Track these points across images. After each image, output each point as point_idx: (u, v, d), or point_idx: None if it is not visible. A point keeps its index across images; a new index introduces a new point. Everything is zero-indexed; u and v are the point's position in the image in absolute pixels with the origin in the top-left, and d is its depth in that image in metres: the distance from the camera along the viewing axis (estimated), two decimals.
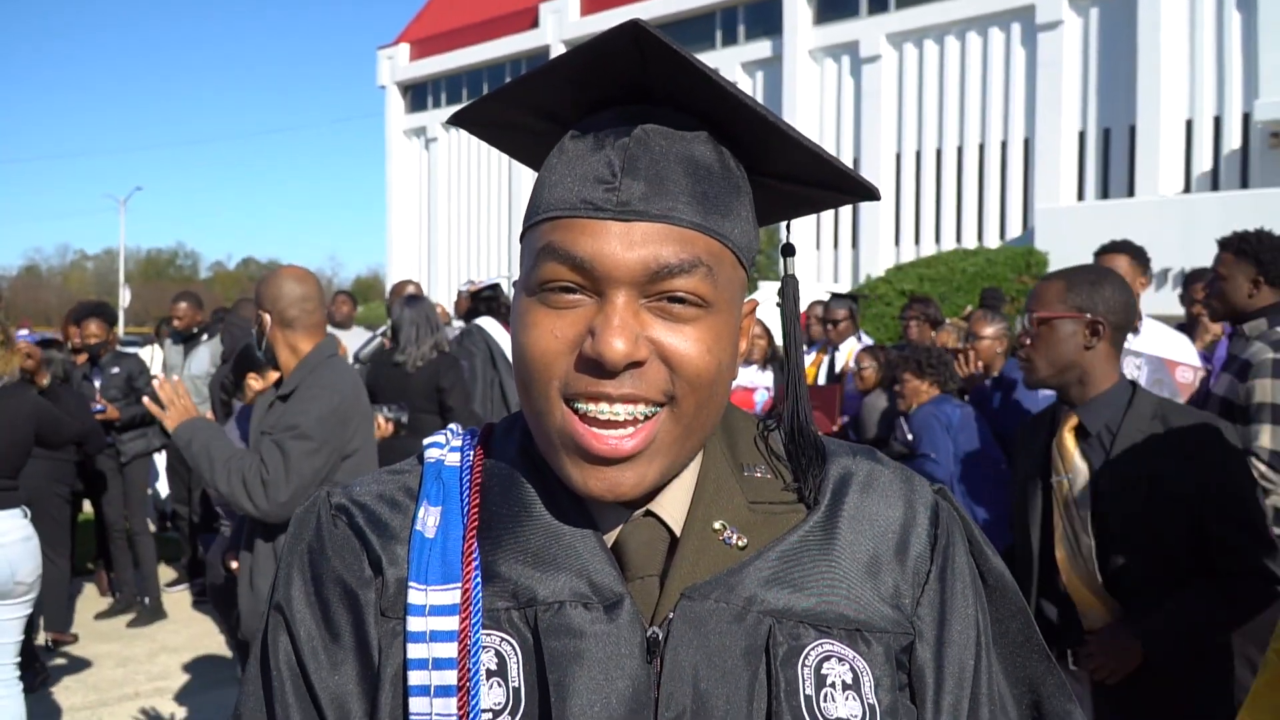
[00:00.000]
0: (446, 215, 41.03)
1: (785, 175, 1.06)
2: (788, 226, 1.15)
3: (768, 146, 1.02)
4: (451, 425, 1.17)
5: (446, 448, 1.12)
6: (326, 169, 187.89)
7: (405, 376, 6.07)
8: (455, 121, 1.09)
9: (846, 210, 28.59)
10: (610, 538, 1.03)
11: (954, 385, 5.58)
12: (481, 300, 6.96)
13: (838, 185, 1.07)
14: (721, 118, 1.00)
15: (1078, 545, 2.73)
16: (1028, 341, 2.83)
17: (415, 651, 0.98)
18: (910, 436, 5.23)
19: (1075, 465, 2.76)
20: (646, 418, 0.97)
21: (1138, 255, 5.09)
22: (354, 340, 8.53)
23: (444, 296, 32.60)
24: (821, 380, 7.44)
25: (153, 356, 9.62)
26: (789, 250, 1.11)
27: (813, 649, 0.99)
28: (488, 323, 6.77)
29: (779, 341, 8.27)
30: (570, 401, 0.97)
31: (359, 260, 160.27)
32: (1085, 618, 2.75)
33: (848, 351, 7.47)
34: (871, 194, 1.07)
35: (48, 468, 6.58)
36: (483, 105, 1.06)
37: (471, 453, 1.11)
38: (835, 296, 8.02)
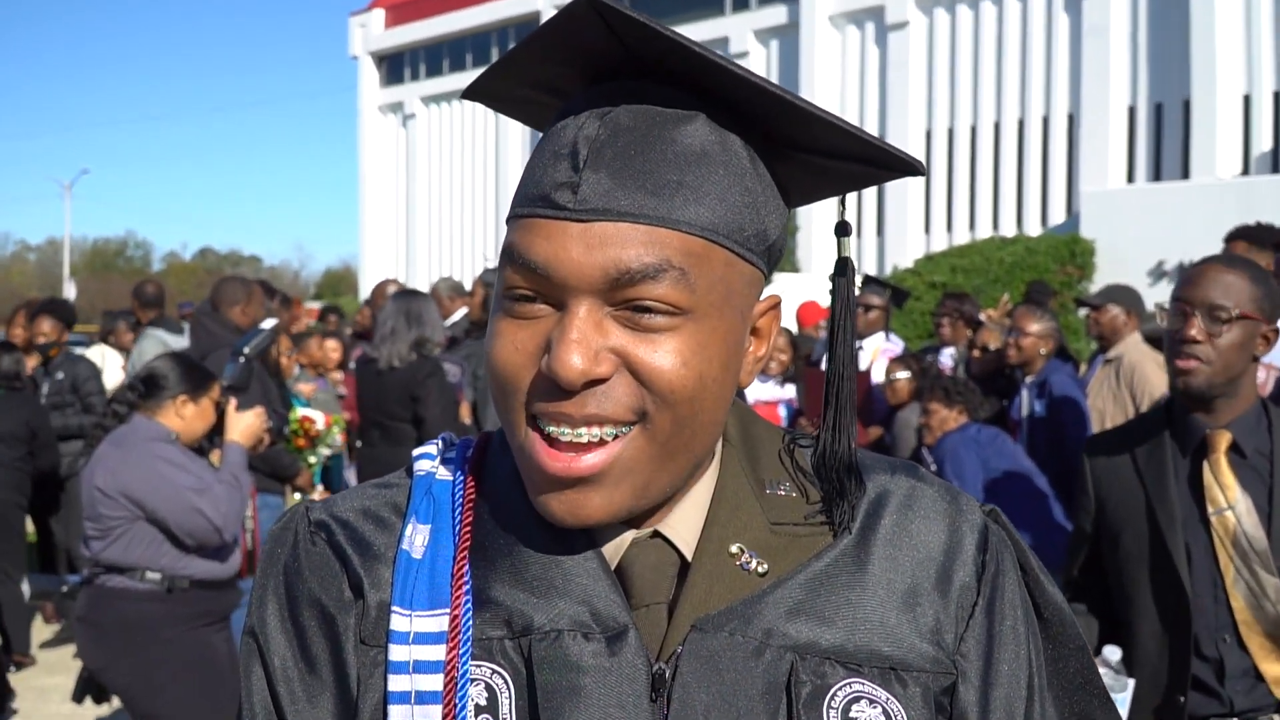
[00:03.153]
0: (426, 200, 41.01)
1: (809, 149, 1.04)
2: (842, 202, 1.11)
3: (778, 119, 1.00)
4: (444, 435, 1.17)
5: (438, 460, 1.12)
6: (292, 149, 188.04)
7: (378, 376, 6.02)
8: (468, 95, 1.09)
9: (870, 194, 28.55)
10: (614, 561, 1.03)
11: (984, 413, 5.60)
12: None
13: (867, 158, 1.04)
14: (721, 92, 0.98)
15: (1262, 589, 2.56)
16: (1199, 337, 2.61)
17: (397, 684, 0.98)
18: (934, 468, 5.24)
19: (1237, 495, 2.60)
20: (614, 438, 0.96)
21: (1259, 239, 4.99)
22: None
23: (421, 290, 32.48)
24: None
25: (104, 357, 9.62)
26: (843, 229, 1.08)
27: (840, 689, 0.99)
28: None
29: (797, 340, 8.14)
30: (534, 420, 0.98)
31: (329, 251, 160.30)
32: (1269, 676, 2.57)
33: (873, 349, 7.44)
34: (914, 168, 1.04)
35: (6, 476, 6.60)
36: (487, 79, 1.06)
37: (465, 466, 1.11)
38: (870, 280, 7.96)
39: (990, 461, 5.14)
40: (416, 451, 1.14)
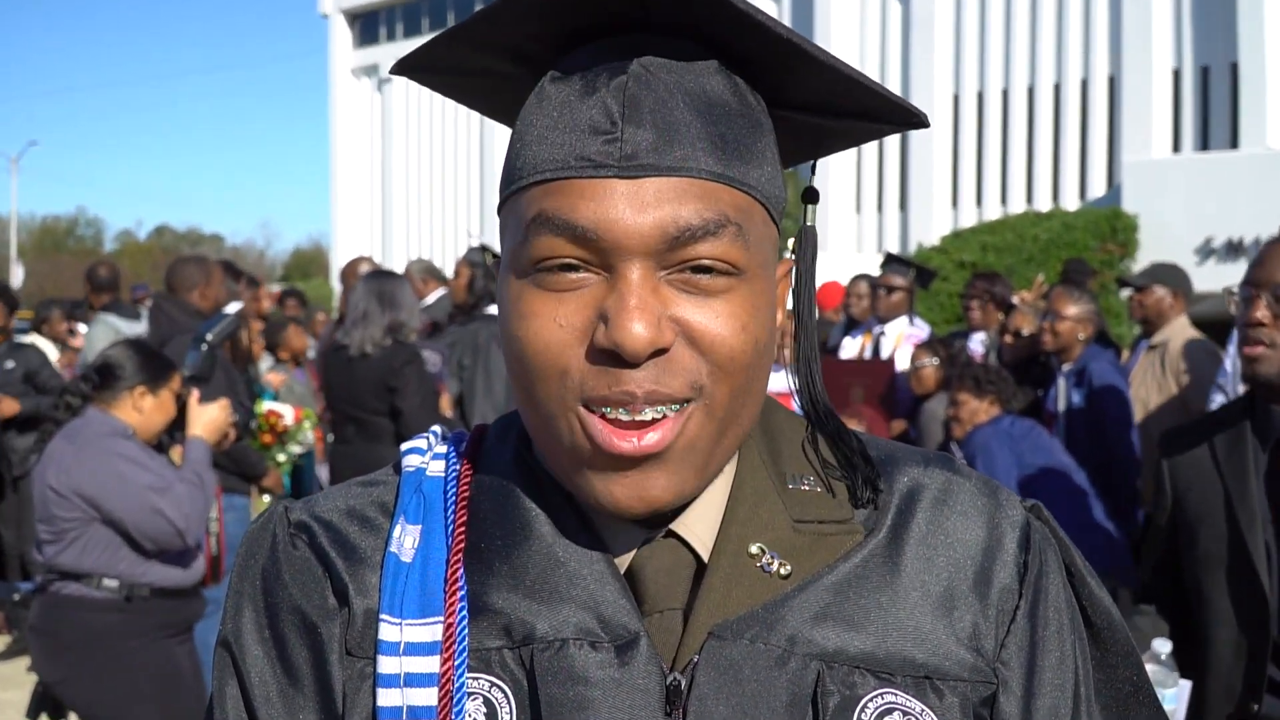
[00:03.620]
0: (404, 172, 40.97)
1: (811, 106, 1.07)
2: (813, 168, 1.15)
3: (788, 73, 1.02)
4: (434, 428, 1.17)
5: (428, 454, 1.13)
6: (257, 118, 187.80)
7: (349, 364, 5.99)
8: (400, 70, 1.08)
9: (893, 165, 28.56)
10: (624, 563, 1.04)
11: (1017, 404, 5.61)
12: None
13: (875, 113, 1.07)
14: (731, 42, 1.00)
15: None
16: (1265, 320, 2.69)
17: (387, 698, 0.99)
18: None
19: None
20: (674, 412, 0.97)
21: None
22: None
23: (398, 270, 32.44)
24: None
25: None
26: (812, 196, 1.11)
27: (871, 700, 0.99)
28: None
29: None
30: (588, 406, 0.97)
31: (297, 228, 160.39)
32: None
33: (896, 335, 7.45)
34: (917, 120, 1.07)
35: None
36: (434, 49, 1.05)
37: (458, 461, 1.12)
38: (892, 259, 7.97)
39: (1025, 457, 5.15)
40: (405, 446, 1.15)
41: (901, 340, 7.39)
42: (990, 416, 5.41)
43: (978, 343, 7.37)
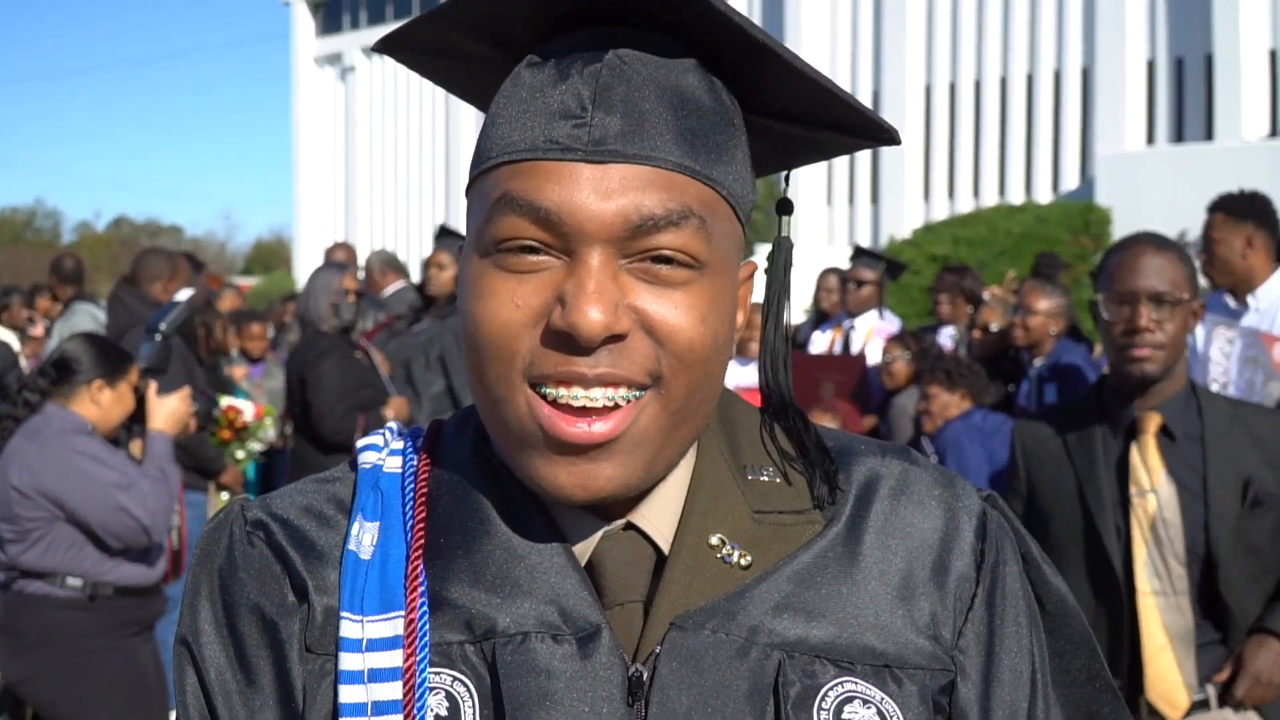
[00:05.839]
0: (368, 162, 40.77)
1: (785, 114, 1.09)
2: (786, 178, 1.17)
3: (764, 78, 1.04)
4: (390, 424, 1.19)
5: (385, 450, 1.14)
6: (218, 106, 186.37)
7: (287, 361, 6.03)
8: (382, 48, 1.10)
9: (864, 157, 28.60)
10: (583, 556, 1.05)
11: (989, 398, 5.64)
12: None
13: (848, 126, 1.09)
14: (710, 42, 1.02)
15: (1168, 576, 2.79)
16: (1151, 326, 2.83)
17: (350, 695, 1.00)
18: (934, 459, 5.28)
19: (1161, 479, 2.82)
20: (628, 402, 0.99)
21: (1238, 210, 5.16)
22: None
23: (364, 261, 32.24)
24: None
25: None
26: (785, 207, 1.13)
27: (831, 689, 1.01)
28: None
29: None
30: (536, 386, 0.99)
31: (259, 219, 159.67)
32: (1152, 674, 2.78)
33: (866, 329, 7.48)
34: (889, 137, 1.10)
35: None
36: (416, 28, 1.07)
37: (415, 456, 1.13)
38: (862, 252, 8.01)
39: (997, 453, 5.16)
40: (361, 442, 1.16)
41: (872, 334, 7.42)
42: (961, 410, 5.44)
43: (947, 337, 7.40)
